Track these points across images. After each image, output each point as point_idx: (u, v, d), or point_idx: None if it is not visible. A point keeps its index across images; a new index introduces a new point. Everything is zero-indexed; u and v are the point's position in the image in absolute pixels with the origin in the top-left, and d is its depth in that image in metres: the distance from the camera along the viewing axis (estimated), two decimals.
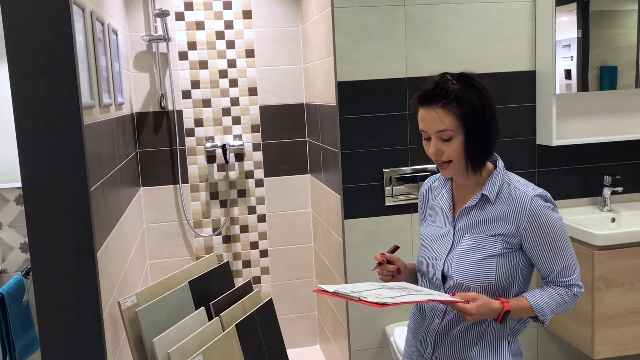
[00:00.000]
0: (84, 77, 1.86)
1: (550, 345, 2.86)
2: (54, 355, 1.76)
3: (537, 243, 1.49)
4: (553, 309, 1.52)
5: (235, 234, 3.42)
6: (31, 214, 1.70)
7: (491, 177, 1.54)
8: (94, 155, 1.91)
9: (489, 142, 1.51)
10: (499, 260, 1.50)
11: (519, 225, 1.48)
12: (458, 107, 1.44)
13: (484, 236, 1.51)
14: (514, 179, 1.54)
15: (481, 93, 1.47)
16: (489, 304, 1.45)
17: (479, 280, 1.50)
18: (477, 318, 1.45)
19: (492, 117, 1.49)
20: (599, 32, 2.67)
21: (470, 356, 1.55)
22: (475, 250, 1.51)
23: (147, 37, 3.16)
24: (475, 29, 2.66)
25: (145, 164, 3.27)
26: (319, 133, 3.09)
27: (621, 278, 2.44)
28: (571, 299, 1.53)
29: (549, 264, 1.51)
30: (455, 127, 1.45)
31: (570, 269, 1.52)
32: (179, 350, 1.98)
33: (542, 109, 2.72)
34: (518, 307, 1.50)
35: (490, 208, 1.52)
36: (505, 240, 1.50)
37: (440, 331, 1.58)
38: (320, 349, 3.52)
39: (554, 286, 1.53)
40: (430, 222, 1.66)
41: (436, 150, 1.49)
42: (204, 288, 2.42)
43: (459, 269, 1.52)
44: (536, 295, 1.52)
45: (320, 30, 2.83)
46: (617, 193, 2.78)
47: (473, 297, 1.45)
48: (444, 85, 1.46)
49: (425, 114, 1.48)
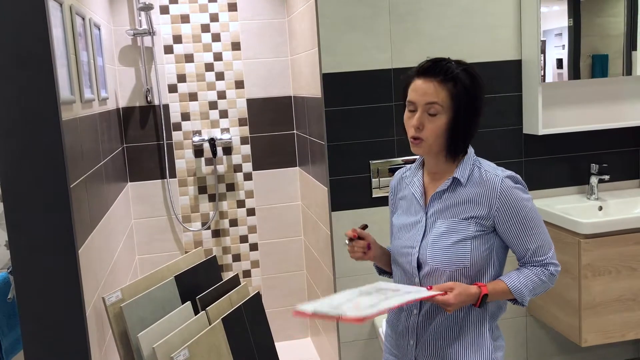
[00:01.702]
0: (62, 73, 1.84)
1: (539, 333, 2.87)
2: (37, 352, 1.75)
3: (509, 224, 1.50)
4: (531, 289, 1.53)
5: (224, 227, 3.41)
6: (10, 212, 1.69)
7: (462, 161, 1.55)
8: (74, 151, 1.90)
9: (472, 131, 1.52)
10: (474, 242, 1.50)
11: (491, 207, 1.50)
12: (454, 87, 1.46)
13: (457, 220, 1.52)
14: (484, 163, 1.56)
15: (476, 81, 1.50)
16: (466, 291, 1.46)
17: (454, 264, 1.50)
18: (456, 307, 1.45)
19: (480, 108, 1.51)
20: (590, 21, 2.67)
21: (453, 345, 1.55)
22: (449, 234, 1.51)
23: (132, 31, 3.14)
24: (461, 18, 2.65)
25: (133, 159, 3.26)
26: (306, 125, 3.07)
27: (608, 266, 2.44)
28: (548, 279, 1.54)
29: (523, 244, 1.52)
30: (445, 105, 1.47)
31: (545, 247, 1.54)
32: (164, 345, 1.97)
33: (529, 98, 2.71)
34: (496, 290, 1.51)
35: (461, 191, 1.53)
36: (478, 222, 1.51)
37: (420, 321, 1.58)
38: (312, 341, 3.52)
39: (530, 267, 1.55)
40: (401, 212, 1.66)
41: (419, 124, 1.49)
42: (191, 282, 2.42)
43: (434, 254, 1.52)
44: (512, 277, 1.53)
45: (305, 22, 2.81)
46: (604, 181, 2.78)
47: (450, 287, 1.45)
48: (445, 64, 1.49)
49: (420, 84, 1.49)
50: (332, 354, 2.89)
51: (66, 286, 1.75)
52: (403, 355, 1.64)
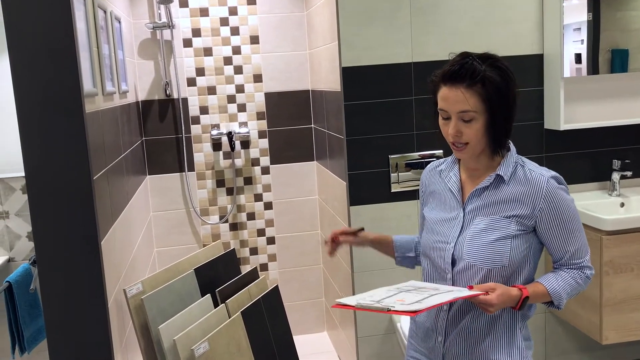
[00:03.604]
0: (85, 66, 1.85)
1: (559, 330, 2.85)
2: (60, 343, 1.77)
3: (552, 225, 1.49)
4: (568, 292, 1.52)
5: (242, 221, 3.42)
6: (34, 203, 1.71)
7: (505, 158, 1.52)
8: (97, 144, 1.91)
9: (511, 124, 1.50)
10: (513, 241, 1.48)
11: (535, 206, 1.48)
12: (483, 88, 1.42)
13: (499, 217, 1.50)
14: (527, 161, 1.55)
15: (506, 75, 1.45)
16: (508, 292, 1.44)
17: (491, 262, 1.48)
18: (498, 308, 1.43)
19: (515, 99, 1.48)
20: (610, 15, 2.63)
21: (484, 343, 1.53)
22: (489, 232, 1.49)
23: (151, 24, 3.15)
24: (482, 12, 2.62)
25: (151, 152, 3.27)
26: (324, 119, 3.07)
27: (630, 263, 2.41)
28: (584, 282, 1.54)
29: (562, 246, 1.51)
30: (479, 109, 1.43)
31: (583, 251, 1.53)
32: (185, 337, 1.98)
33: (550, 93, 2.68)
34: (536, 293, 1.49)
35: (505, 189, 1.51)
36: (520, 221, 1.49)
37: (451, 319, 1.56)
38: (328, 335, 3.52)
39: (567, 269, 1.53)
40: (434, 206, 1.64)
41: (456, 132, 1.46)
42: (210, 275, 2.43)
43: (471, 251, 1.49)
44: (551, 279, 1.52)
45: (325, 15, 2.80)
46: (626, 177, 2.75)
47: (492, 287, 1.43)
48: (470, 65, 1.43)
49: (448, 92, 1.45)
50: (349, 348, 2.89)
51: (89, 277, 1.76)
52: (430, 352, 1.62)
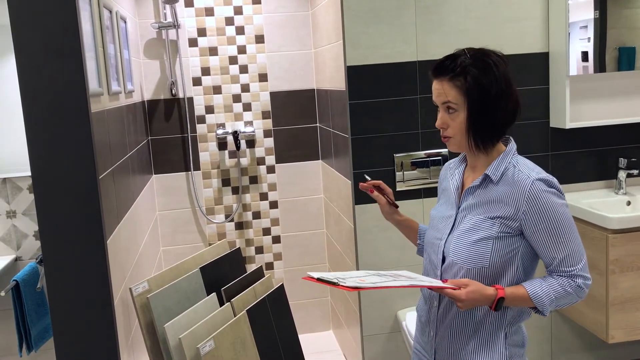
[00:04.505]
0: (91, 65, 1.86)
1: (564, 329, 2.84)
2: (66, 341, 1.78)
3: (537, 229, 1.43)
4: (553, 299, 1.45)
5: (247, 220, 3.43)
6: (41, 203, 1.72)
7: (498, 158, 1.50)
8: (102, 143, 1.92)
9: (497, 122, 1.45)
10: (495, 243, 1.45)
11: (518, 208, 1.43)
12: (465, 81, 1.42)
13: (483, 218, 1.48)
14: (521, 162, 1.49)
15: (492, 70, 1.42)
16: (481, 290, 1.41)
17: (472, 262, 1.47)
18: (468, 305, 1.41)
19: (501, 97, 1.42)
20: (617, 12, 2.62)
21: (468, 344, 1.53)
22: (472, 232, 1.48)
23: (157, 24, 3.16)
24: (487, 10, 2.62)
25: (157, 151, 3.28)
26: (329, 118, 3.07)
27: (636, 261, 2.41)
28: (575, 291, 1.46)
29: (549, 252, 1.44)
30: (459, 102, 1.44)
31: (574, 258, 1.45)
32: (190, 336, 1.99)
33: (556, 91, 2.67)
34: (514, 295, 1.44)
35: (493, 189, 1.49)
36: (503, 223, 1.45)
37: (440, 314, 1.57)
38: (334, 333, 3.53)
39: (557, 276, 1.47)
40: (441, 202, 1.66)
41: (442, 123, 1.50)
42: (216, 274, 2.43)
43: (455, 250, 1.50)
44: (535, 284, 1.46)
45: (329, 14, 2.80)
46: (632, 176, 2.74)
47: (464, 283, 1.41)
48: (455, 58, 1.45)
49: (435, 85, 1.49)
50: (355, 347, 2.90)
51: (95, 276, 1.77)
52: (426, 344, 1.65)
